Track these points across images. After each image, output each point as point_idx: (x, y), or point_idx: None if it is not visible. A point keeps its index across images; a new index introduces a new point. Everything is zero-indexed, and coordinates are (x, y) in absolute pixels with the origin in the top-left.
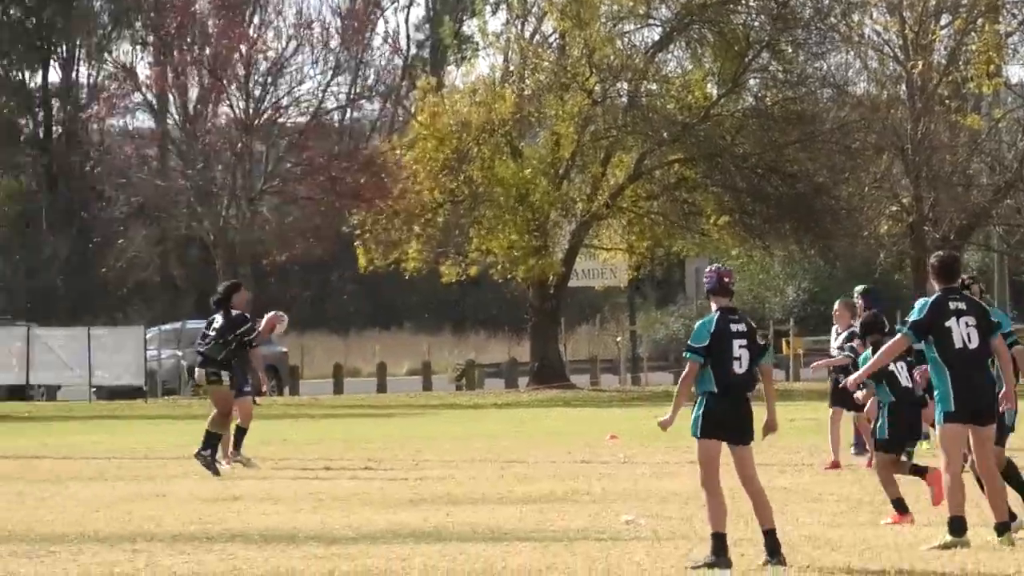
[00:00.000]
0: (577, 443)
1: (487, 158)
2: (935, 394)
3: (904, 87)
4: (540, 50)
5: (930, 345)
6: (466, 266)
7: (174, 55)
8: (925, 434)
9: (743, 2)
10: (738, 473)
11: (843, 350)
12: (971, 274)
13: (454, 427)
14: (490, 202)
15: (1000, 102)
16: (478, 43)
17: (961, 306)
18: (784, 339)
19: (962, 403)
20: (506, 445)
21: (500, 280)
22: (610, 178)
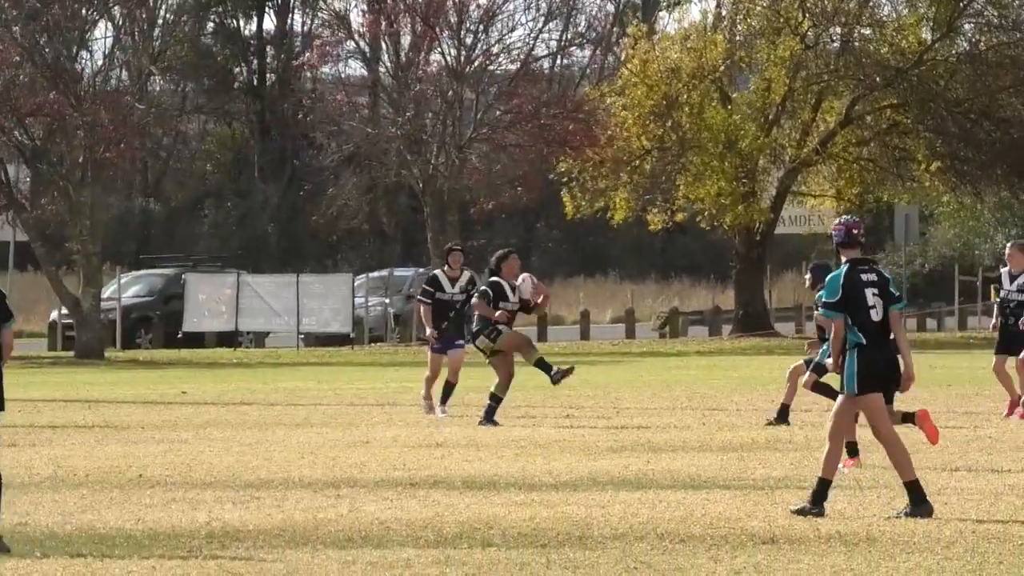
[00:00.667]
0: (780, 391)
1: (696, 104)
2: None
3: None
4: None
5: None
6: (672, 214)
7: (387, 2)
8: None
9: None
10: (888, 424)
11: (1022, 292)
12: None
13: (656, 375)
14: (698, 148)
15: None
16: None
17: None
18: (993, 286)
19: None
20: (707, 393)
21: (707, 227)
22: (820, 124)
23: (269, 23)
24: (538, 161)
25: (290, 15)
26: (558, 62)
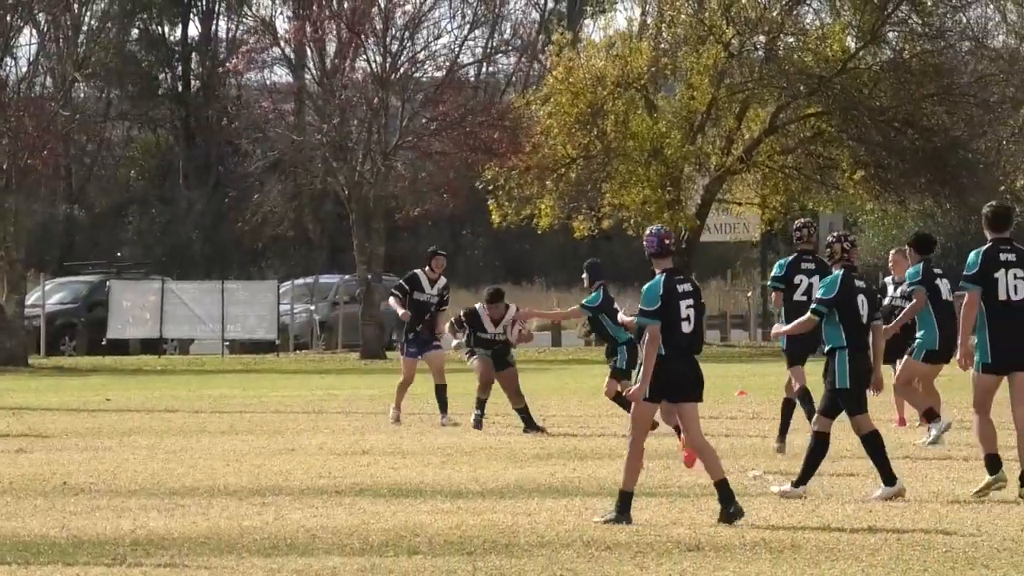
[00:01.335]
0: (706, 399)
1: (621, 112)
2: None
3: None
4: (677, 3)
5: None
6: (598, 221)
7: (313, 9)
8: None
9: None
10: (684, 427)
11: (906, 299)
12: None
13: (582, 382)
14: (623, 156)
15: None
16: None
17: (1011, 257)
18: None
19: (1001, 354)
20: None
21: (633, 235)
22: (745, 132)
23: (194, 29)
24: (464, 168)
25: (215, 21)
26: (484, 69)
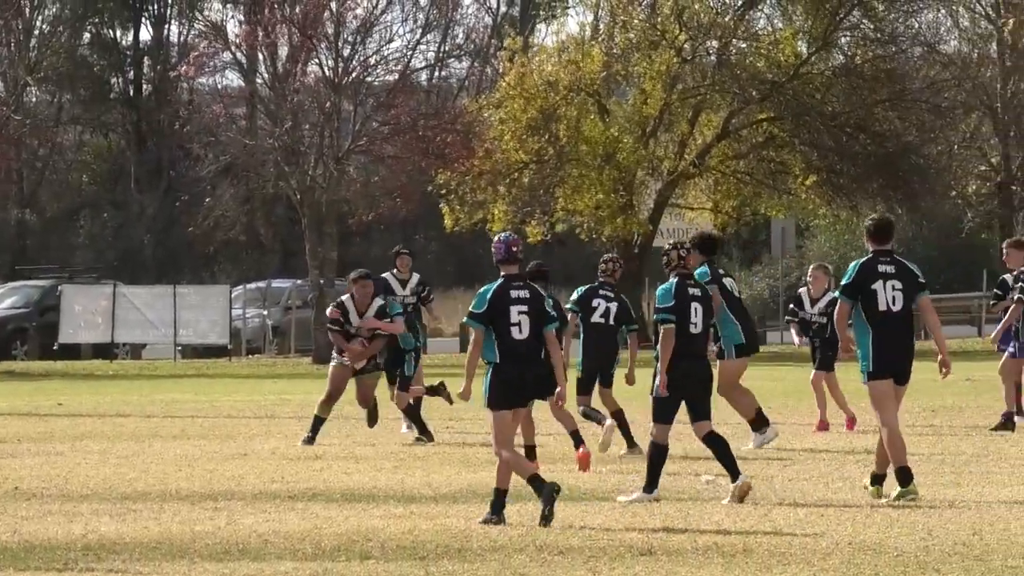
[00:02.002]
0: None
1: (574, 117)
2: (859, 352)
3: (995, 45)
4: (630, 8)
5: (857, 306)
6: (551, 226)
7: (264, 13)
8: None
9: None
10: (521, 430)
11: (824, 315)
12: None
13: None
14: (576, 161)
15: None
16: (567, 1)
17: (890, 269)
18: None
19: (883, 362)
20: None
21: (585, 240)
22: (697, 137)
23: (146, 34)
24: (416, 173)
25: (166, 26)
26: (436, 74)
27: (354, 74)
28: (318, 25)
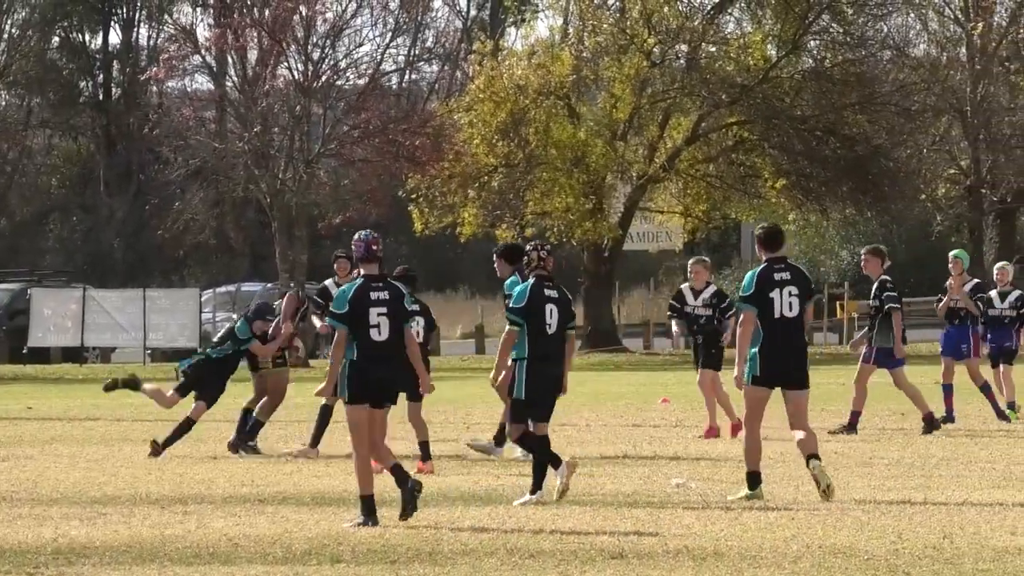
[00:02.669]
0: (629, 407)
1: (543, 120)
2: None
3: (964, 49)
4: (599, 12)
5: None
6: (521, 229)
7: (234, 17)
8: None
9: None
10: (374, 433)
11: (709, 307)
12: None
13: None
14: (546, 165)
15: None
16: (537, 4)
17: (786, 276)
18: (838, 302)
19: (769, 371)
20: (557, 408)
21: (555, 243)
22: (667, 140)
23: (115, 37)
24: (386, 176)
25: (136, 29)
26: (406, 77)
27: (324, 77)
28: (288, 29)
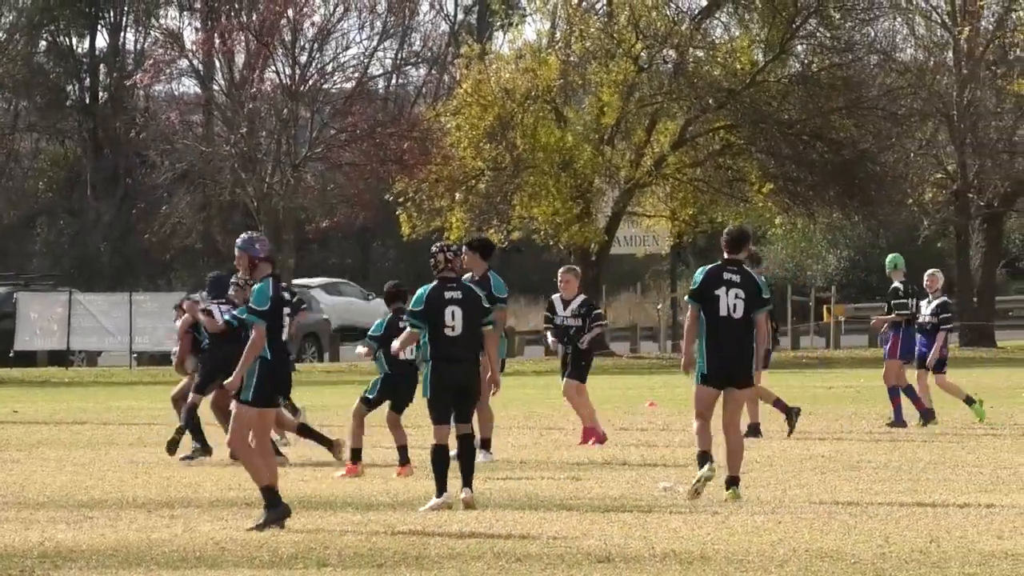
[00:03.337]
0: (616, 410)
1: (530, 124)
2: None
3: (951, 53)
4: (587, 16)
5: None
6: (509, 233)
7: (221, 20)
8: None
9: None
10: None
11: (579, 317)
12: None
13: (502, 394)
14: (533, 169)
15: None
16: (525, 9)
17: (735, 278)
18: (825, 306)
19: (715, 370)
20: (544, 412)
21: (542, 247)
22: (654, 145)
23: (102, 41)
24: (373, 180)
25: (122, 33)
26: (393, 81)
27: (311, 81)
28: (275, 32)
